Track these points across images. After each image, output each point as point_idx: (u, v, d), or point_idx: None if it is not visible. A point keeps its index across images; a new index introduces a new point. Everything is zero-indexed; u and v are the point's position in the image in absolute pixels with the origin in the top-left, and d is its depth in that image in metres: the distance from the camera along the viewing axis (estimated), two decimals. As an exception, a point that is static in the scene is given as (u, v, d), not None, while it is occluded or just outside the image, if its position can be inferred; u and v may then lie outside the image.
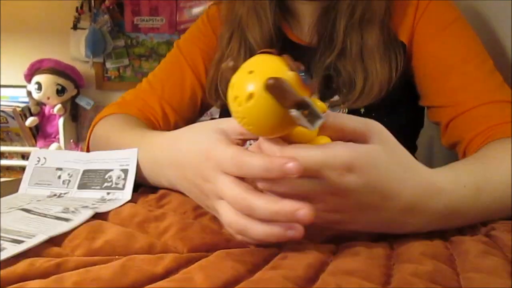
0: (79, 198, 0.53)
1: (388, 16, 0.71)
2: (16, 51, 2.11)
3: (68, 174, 0.56)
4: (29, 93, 2.00)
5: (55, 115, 2.00)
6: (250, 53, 0.75)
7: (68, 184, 0.55)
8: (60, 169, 0.57)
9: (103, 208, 0.47)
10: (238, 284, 0.33)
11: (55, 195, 0.54)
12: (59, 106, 1.98)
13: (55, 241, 0.40)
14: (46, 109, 2.01)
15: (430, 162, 1.04)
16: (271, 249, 0.39)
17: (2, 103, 1.98)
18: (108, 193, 0.52)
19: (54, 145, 1.98)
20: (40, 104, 2.01)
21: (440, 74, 0.69)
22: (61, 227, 0.41)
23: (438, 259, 0.38)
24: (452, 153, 0.99)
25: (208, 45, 0.83)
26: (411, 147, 0.81)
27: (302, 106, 0.31)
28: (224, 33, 0.79)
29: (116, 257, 0.37)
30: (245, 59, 0.77)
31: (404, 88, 0.72)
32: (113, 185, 0.53)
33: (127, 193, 0.52)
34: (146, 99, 0.80)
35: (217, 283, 0.32)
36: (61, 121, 1.99)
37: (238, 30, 0.76)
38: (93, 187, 0.54)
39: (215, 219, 0.45)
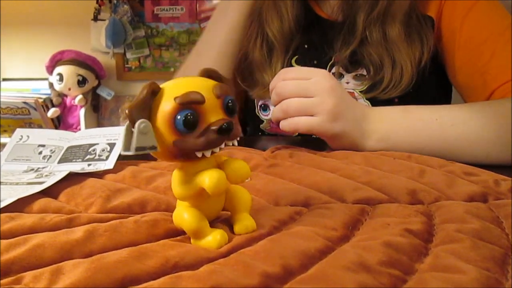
0: (57, 171, 0.48)
1: (414, 6, 0.69)
2: (37, 44, 2.12)
3: (50, 150, 0.52)
4: (51, 85, 2.01)
5: (76, 106, 2.01)
6: (267, 44, 0.75)
7: (48, 159, 0.51)
8: (43, 145, 0.53)
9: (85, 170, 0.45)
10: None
11: (32, 169, 0.49)
12: (80, 97, 1.98)
13: (68, 200, 0.38)
14: (68, 100, 2.02)
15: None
16: (298, 207, 0.36)
17: (24, 95, 1.99)
18: (89, 165, 0.48)
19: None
20: (61, 95, 2.01)
21: (470, 51, 0.67)
22: (33, 189, 0.39)
23: (484, 219, 0.34)
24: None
25: None
26: None
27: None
28: None
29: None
30: (260, 49, 0.77)
31: (433, 65, 0.70)
32: (96, 157, 0.49)
33: (109, 163, 0.47)
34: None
35: (241, 237, 0.30)
36: (82, 112, 1.99)
37: (257, 20, 0.76)
38: (74, 160, 0.50)
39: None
